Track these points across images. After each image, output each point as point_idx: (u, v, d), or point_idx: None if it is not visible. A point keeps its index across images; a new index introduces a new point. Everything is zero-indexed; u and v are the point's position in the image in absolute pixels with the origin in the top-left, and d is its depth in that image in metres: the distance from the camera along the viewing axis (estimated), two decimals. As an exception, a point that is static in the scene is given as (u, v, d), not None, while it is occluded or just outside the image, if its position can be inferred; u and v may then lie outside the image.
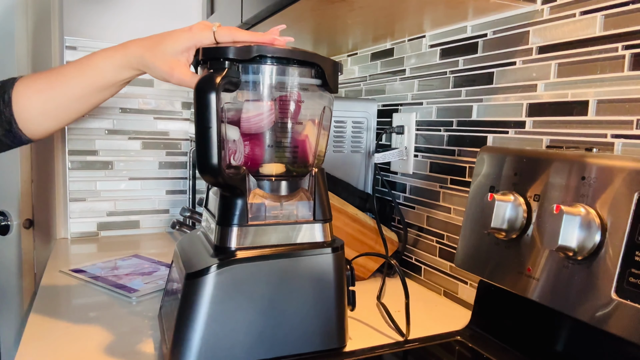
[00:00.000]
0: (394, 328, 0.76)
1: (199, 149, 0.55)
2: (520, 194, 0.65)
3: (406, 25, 0.92)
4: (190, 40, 0.61)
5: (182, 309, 0.59)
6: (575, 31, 0.68)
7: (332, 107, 0.67)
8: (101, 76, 0.63)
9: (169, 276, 0.73)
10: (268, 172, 0.63)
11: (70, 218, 1.29)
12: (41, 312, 0.79)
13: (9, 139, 0.64)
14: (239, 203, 0.61)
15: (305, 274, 0.62)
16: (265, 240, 0.62)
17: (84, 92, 0.64)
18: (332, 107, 0.67)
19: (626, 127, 0.62)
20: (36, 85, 0.64)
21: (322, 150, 0.67)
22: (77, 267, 1.02)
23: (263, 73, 0.60)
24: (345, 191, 1.01)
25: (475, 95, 0.85)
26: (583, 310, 0.55)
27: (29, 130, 0.65)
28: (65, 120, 0.66)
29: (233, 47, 0.58)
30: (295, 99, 0.62)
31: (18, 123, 0.63)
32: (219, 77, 0.55)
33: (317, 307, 0.63)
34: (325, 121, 0.66)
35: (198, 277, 0.58)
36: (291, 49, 0.60)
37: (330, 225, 0.66)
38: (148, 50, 0.61)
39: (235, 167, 0.62)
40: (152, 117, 1.35)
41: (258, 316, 0.60)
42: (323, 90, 0.64)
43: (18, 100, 0.63)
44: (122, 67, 0.63)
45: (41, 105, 0.64)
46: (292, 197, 0.64)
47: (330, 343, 0.64)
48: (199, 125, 0.54)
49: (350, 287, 0.68)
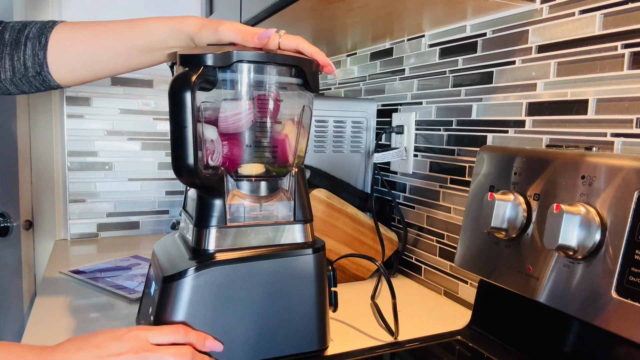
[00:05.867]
0: (384, 328, 0.75)
1: (174, 149, 0.54)
2: (520, 193, 0.65)
3: (405, 24, 0.92)
4: (236, 39, 0.60)
5: (159, 313, 0.57)
6: (575, 30, 0.68)
7: (312, 106, 0.66)
8: (150, 37, 0.63)
9: (147, 279, 0.71)
10: (247, 172, 0.62)
11: (70, 219, 1.29)
12: (41, 313, 0.79)
13: (38, 81, 0.64)
14: (217, 204, 0.60)
15: (286, 275, 0.61)
16: (244, 242, 0.61)
17: (127, 50, 0.64)
18: (312, 106, 0.66)
19: (626, 126, 0.62)
20: (79, 34, 0.63)
21: (302, 149, 0.66)
22: (77, 268, 1.02)
23: (241, 72, 0.59)
24: (345, 191, 1.01)
25: (474, 95, 0.85)
26: (583, 309, 0.54)
27: (60, 75, 0.64)
28: (98, 73, 0.66)
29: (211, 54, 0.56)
30: (274, 98, 0.60)
31: (50, 67, 0.63)
32: (195, 76, 0.54)
33: (298, 309, 0.62)
34: (306, 120, 0.65)
35: (175, 280, 0.57)
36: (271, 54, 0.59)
37: (311, 225, 0.65)
38: (203, 27, 0.61)
39: (213, 167, 0.61)
40: (151, 118, 1.35)
41: (237, 319, 0.59)
42: (303, 90, 0.63)
43: (56, 45, 0.63)
44: (173, 32, 0.62)
45: (80, 53, 0.63)
46: (272, 198, 0.63)
47: (311, 345, 0.63)
48: (174, 125, 0.53)
49: (332, 288, 0.67)
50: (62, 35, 0.63)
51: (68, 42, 0.63)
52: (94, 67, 0.65)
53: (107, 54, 0.64)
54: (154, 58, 0.66)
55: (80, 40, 0.63)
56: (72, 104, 1.26)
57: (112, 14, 1.28)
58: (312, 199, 0.88)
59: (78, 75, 0.65)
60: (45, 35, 0.63)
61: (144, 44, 0.64)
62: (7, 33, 0.63)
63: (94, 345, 0.50)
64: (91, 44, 0.63)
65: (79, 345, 0.51)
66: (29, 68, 0.63)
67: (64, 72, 0.64)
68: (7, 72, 0.63)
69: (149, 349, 0.51)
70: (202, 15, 1.34)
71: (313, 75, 0.61)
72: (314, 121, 1.01)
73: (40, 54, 0.62)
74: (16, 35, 0.62)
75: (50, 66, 0.63)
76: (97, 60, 0.64)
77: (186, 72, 0.54)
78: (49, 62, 0.63)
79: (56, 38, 0.63)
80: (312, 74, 0.61)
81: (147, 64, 0.66)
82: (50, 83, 0.65)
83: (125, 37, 0.63)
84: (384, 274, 0.75)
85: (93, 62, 0.64)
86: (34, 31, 0.63)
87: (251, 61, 0.58)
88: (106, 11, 1.28)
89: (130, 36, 0.63)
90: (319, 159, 1.02)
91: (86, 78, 0.66)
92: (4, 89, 0.65)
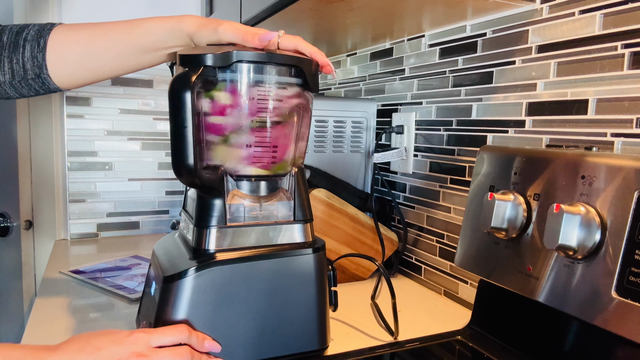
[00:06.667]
0: (384, 328, 0.75)
1: (173, 149, 0.54)
2: (520, 193, 0.65)
3: (405, 24, 0.92)
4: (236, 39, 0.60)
5: (159, 312, 0.57)
6: (575, 30, 0.68)
7: (312, 106, 0.66)
8: (149, 37, 0.63)
9: (147, 279, 0.71)
10: (247, 172, 0.62)
11: (70, 219, 1.29)
12: (41, 313, 0.79)
13: (38, 84, 0.64)
14: (217, 204, 0.60)
15: (286, 275, 0.61)
16: (244, 242, 0.61)
17: (126, 50, 0.63)
18: (312, 106, 0.66)
19: (626, 126, 0.62)
20: (77, 36, 0.63)
21: (302, 150, 0.67)
22: (77, 268, 1.02)
23: (241, 72, 0.58)
24: (345, 191, 1.01)
25: (474, 95, 0.85)
26: (583, 309, 0.54)
27: (59, 78, 0.64)
28: (97, 75, 0.65)
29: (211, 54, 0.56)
30: (274, 97, 0.60)
31: (49, 70, 0.63)
32: (194, 76, 0.54)
33: (299, 309, 0.62)
34: (305, 120, 0.65)
35: (176, 280, 0.57)
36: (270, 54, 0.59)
37: (311, 225, 0.65)
38: (203, 27, 0.61)
39: (213, 167, 0.61)
40: (151, 118, 1.35)
41: (238, 319, 0.59)
42: (303, 90, 0.63)
43: (54, 47, 0.62)
44: (172, 31, 0.62)
45: (78, 55, 0.63)
46: (272, 198, 0.63)
47: (311, 345, 0.63)
48: (174, 125, 0.53)
49: (332, 288, 0.67)
50: (60, 37, 0.63)
51: (67, 43, 0.63)
52: (93, 69, 0.65)
53: (106, 55, 0.64)
54: (154, 58, 0.65)
55: (79, 42, 0.63)
56: (72, 104, 1.26)
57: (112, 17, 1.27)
58: (312, 199, 0.88)
59: (77, 77, 0.65)
60: (44, 37, 0.62)
61: (143, 44, 0.63)
62: (5, 36, 0.62)
63: (95, 347, 0.50)
64: (90, 45, 0.63)
65: (79, 346, 0.50)
66: (28, 70, 0.62)
67: (63, 74, 0.64)
68: (6, 74, 0.62)
69: (150, 354, 0.51)
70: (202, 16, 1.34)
71: (313, 75, 0.61)
72: (314, 121, 1.01)
73: (39, 56, 0.62)
74: (14, 37, 0.62)
75: (49, 68, 0.63)
76: (96, 61, 0.64)
77: (186, 72, 0.54)
78: (48, 64, 0.63)
79: (55, 40, 0.63)
80: (311, 74, 0.61)
81: (146, 65, 0.66)
82: (49, 85, 0.64)
83: (124, 37, 0.63)
84: (384, 274, 0.75)
85: (92, 63, 0.64)
86: (33, 33, 0.63)
87: (251, 61, 0.58)
88: (106, 13, 1.28)
89: (129, 36, 0.63)
90: (319, 159, 1.02)
91: (85, 80, 0.66)
92: (3, 93, 0.64)
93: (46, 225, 1.32)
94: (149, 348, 0.52)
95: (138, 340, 0.52)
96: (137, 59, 0.65)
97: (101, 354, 0.50)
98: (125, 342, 0.51)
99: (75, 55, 0.63)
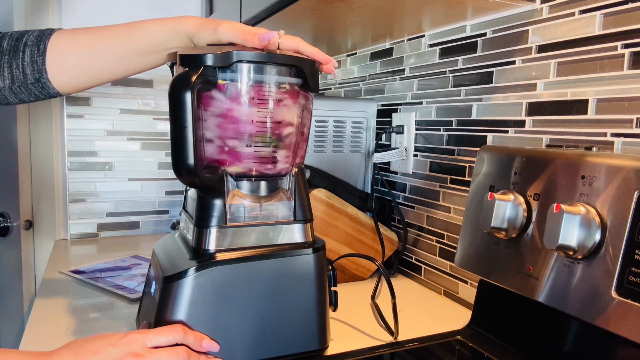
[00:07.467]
0: (384, 328, 0.75)
1: (173, 149, 0.54)
2: (520, 193, 0.65)
3: (405, 24, 0.92)
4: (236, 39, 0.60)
5: (159, 313, 0.57)
6: (575, 30, 0.68)
7: (312, 106, 0.66)
8: (148, 39, 0.63)
9: (147, 279, 0.71)
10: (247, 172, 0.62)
11: (70, 219, 1.29)
12: (41, 313, 0.79)
13: (37, 89, 0.64)
14: (217, 204, 0.60)
15: (286, 275, 0.61)
16: (245, 242, 0.61)
17: (126, 53, 0.63)
18: (312, 106, 0.66)
19: (626, 126, 0.62)
20: (76, 40, 0.63)
21: (302, 149, 0.66)
22: (77, 268, 1.02)
23: (241, 72, 0.58)
24: (345, 191, 1.01)
25: (474, 95, 0.85)
26: (583, 309, 0.54)
27: (59, 83, 0.64)
28: (97, 79, 0.65)
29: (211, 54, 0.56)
30: (274, 97, 0.61)
31: (49, 74, 0.63)
32: (195, 76, 0.54)
33: (299, 309, 0.62)
34: (305, 120, 0.65)
35: (176, 280, 0.57)
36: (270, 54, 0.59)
37: (311, 225, 0.65)
38: (202, 27, 0.61)
39: (213, 167, 0.61)
40: (151, 118, 1.35)
41: (238, 319, 0.59)
42: (303, 90, 0.63)
43: (54, 51, 0.62)
44: (171, 33, 0.62)
45: (78, 59, 0.63)
46: (272, 198, 0.63)
47: (311, 344, 0.63)
48: (174, 125, 0.53)
49: (332, 288, 0.67)
50: (60, 41, 0.63)
51: (66, 47, 0.63)
52: (93, 72, 0.65)
53: (105, 58, 0.64)
54: (153, 60, 0.65)
55: (79, 46, 0.63)
56: (72, 104, 1.26)
57: (112, 21, 1.28)
58: (312, 199, 0.88)
59: (77, 82, 0.65)
60: (43, 42, 0.62)
61: (142, 47, 0.63)
62: (6, 41, 0.62)
63: (91, 352, 0.50)
64: (89, 49, 0.63)
65: (75, 351, 0.50)
66: (28, 75, 0.62)
67: (63, 78, 0.64)
68: (6, 80, 0.62)
69: (146, 354, 0.51)
70: (202, 16, 1.34)
71: (313, 75, 0.61)
72: (314, 121, 1.01)
73: (39, 60, 0.62)
74: (14, 43, 0.62)
75: (49, 73, 0.63)
76: (96, 65, 0.64)
77: (186, 72, 0.54)
78: (48, 68, 0.63)
79: (55, 44, 0.63)
80: (312, 74, 0.61)
81: (146, 67, 0.66)
82: (49, 90, 0.64)
83: (124, 40, 0.63)
84: (384, 274, 0.75)
85: (92, 67, 0.64)
86: (32, 38, 0.63)
87: (251, 61, 0.58)
88: (107, 18, 1.28)
89: (129, 39, 0.63)
90: (319, 159, 1.02)
91: (85, 84, 0.66)
92: (2, 99, 0.64)
93: (46, 225, 1.32)
94: (145, 348, 0.52)
95: (133, 341, 0.52)
96: (137, 62, 0.65)
97: (97, 358, 0.50)
98: (120, 344, 0.51)
99: (74, 59, 0.63)
